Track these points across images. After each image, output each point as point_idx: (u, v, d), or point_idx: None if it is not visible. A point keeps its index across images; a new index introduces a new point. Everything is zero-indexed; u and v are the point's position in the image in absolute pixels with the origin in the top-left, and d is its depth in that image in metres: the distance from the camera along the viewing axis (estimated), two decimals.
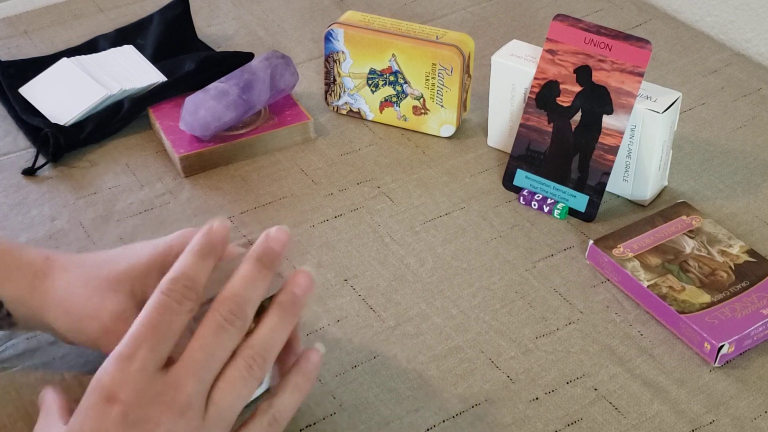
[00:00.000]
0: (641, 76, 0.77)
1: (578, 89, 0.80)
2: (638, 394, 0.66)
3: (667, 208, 0.79)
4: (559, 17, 0.80)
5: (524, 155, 0.83)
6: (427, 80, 0.88)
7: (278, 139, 0.89)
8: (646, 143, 0.79)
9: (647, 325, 0.71)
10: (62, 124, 0.88)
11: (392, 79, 0.89)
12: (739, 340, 0.67)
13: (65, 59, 0.94)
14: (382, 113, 0.92)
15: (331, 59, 0.91)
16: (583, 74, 0.80)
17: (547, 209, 0.81)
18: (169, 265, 0.54)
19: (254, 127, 0.89)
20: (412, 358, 0.69)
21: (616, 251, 0.74)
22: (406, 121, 0.91)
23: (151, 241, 0.64)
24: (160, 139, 0.90)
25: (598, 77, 0.79)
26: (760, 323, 0.68)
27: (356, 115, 0.93)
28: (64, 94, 0.91)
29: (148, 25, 1.03)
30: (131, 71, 0.94)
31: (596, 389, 0.67)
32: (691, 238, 0.75)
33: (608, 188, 0.83)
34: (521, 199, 0.83)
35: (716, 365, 0.68)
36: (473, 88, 0.93)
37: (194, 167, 0.86)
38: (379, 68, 0.89)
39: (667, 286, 0.71)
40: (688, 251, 0.74)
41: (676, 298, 0.70)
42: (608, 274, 0.75)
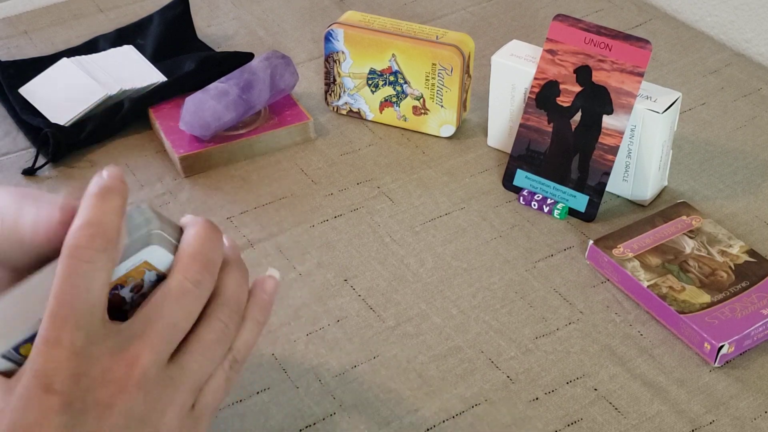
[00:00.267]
0: (641, 76, 0.77)
1: (578, 89, 0.80)
2: (638, 394, 0.66)
3: (667, 208, 0.79)
4: (559, 17, 0.80)
5: (524, 155, 0.83)
6: (427, 80, 0.88)
7: (278, 139, 0.89)
8: (646, 143, 0.79)
9: (647, 325, 0.71)
10: (62, 124, 0.88)
11: (392, 79, 0.89)
12: (739, 340, 0.67)
13: (65, 59, 0.94)
14: (382, 113, 0.92)
15: (331, 59, 0.91)
16: (583, 74, 0.80)
17: (547, 209, 0.81)
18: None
19: (254, 127, 0.89)
20: (412, 358, 0.69)
21: (616, 251, 0.74)
22: (406, 121, 0.91)
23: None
24: (160, 139, 0.90)
25: (598, 77, 0.79)
26: (760, 323, 0.68)
27: (356, 115, 0.93)
28: (64, 94, 0.91)
29: (148, 25, 1.03)
30: (131, 71, 0.94)
31: (596, 389, 0.67)
32: (691, 238, 0.75)
33: (608, 188, 0.83)
34: (521, 199, 0.83)
35: (716, 365, 0.68)
36: (473, 88, 0.93)
37: (194, 167, 0.86)
38: (379, 68, 0.89)
39: (667, 286, 0.71)
40: (688, 251, 0.74)
41: (676, 298, 0.70)
42: (608, 274, 0.75)
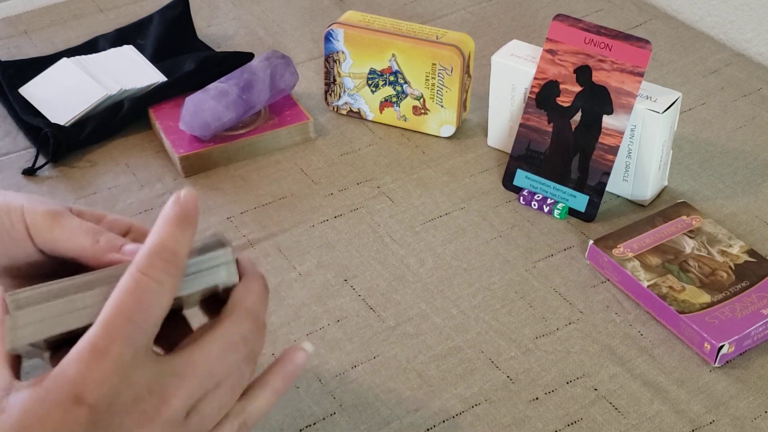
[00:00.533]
0: (641, 76, 0.77)
1: (578, 89, 0.80)
2: (638, 394, 0.66)
3: (667, 208, 0.79)
4: (559, 17, 0.80)
5: (524, 155, 0.83)
6: (427, 80, 0.88)
7: (278, 139, 0.89)
8: (646, 143, 0.79)
9: (647, 325, 0.71)
10: (62, 124, 0.88)
11: (392, 79, 0.89)
12: (739, 340, 0.67)
13: (65, 59, 0.94)
14: (382, 113, 0.92)
15: (331, 59, 0.91)
16: (583, 74, 0.80)
17: (547, 209, 0.81)
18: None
19: (254, 127, 0.89)
20: (412, 358, 0.69)
21: (616, 251, 0.74)
22: (406, 121, 0.91)
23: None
24: (160, 139, 0.90)
25: (598, 77, 0.79)
26: (760, 323, 0.68)
27: (356, 115, 0.93)
28: (64, 94, 0.91)
29: (148, 25, 1.03)
30: (131, 71, 0.94)
31: (596, 389, 0.67)
32: (691, 238, 0.75)
33: (608, 188, 0.83)
34: (521, 199, 0.83)
35: (716, 365, 0.68)
36: (473, 88, 0.93)
37: (194, 167, 0.86)
38: (379, 68, 0.89)
39: (667, 286, 0.71)
40: (688, 251, 0.74)
41: (676, 298, 0.70)
42: (608, 274, 0.75)
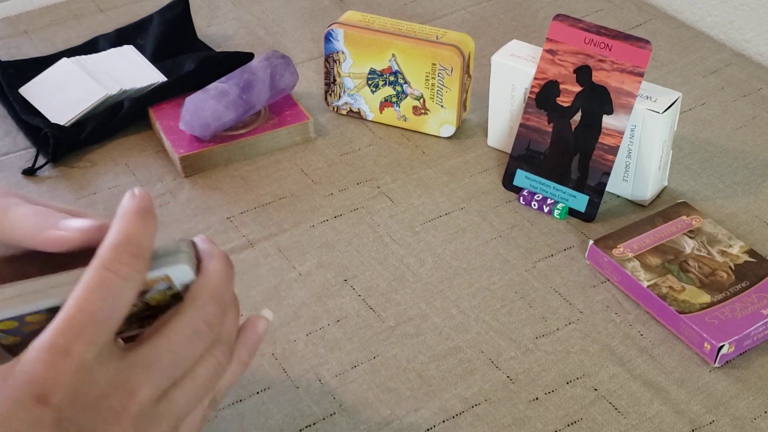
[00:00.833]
0: (641, 76, 0.77)
1: (578, 89, 0.80)
2: (638, 394, 0.66)
3: (667, 208, 0.79)
4: (559, 17, 0.80)
5: (524, 155, 0.83)
6: (427, 80, 0.88)
7: (278, 139, 0.89)
8: (646, 143, 0.79)
9: (647, 325, 0.71)
10: (62, 124, 0.88)
11: (392, 79, 0.89)
12: (739, 340, 0.67)
13: (65, 59, 0.94)
14: (382, 113, 0.92)
15: (331, 59, 0.91)
16: (583, 74, 0.80)
17: (547, 209, 0.81)
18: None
19: (254, 127, 0.89)
20: (412, 358, 0.69)
21: (616, 251, 0.74)
22: (406, 121, 0.91)
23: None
24: (160, 139, 0.90)
25: (598, 77, 0.79)
26: (760, 323, 0.68)
27: (356, 115, 0.93)
28: (64, 94, 0.91)
29: (148, 25, 1.03)
30: (131, 71, 0.94)
31: (596, 389, 0.67)
32: (691, 238, 0.75)
33: (608, 188, 0.83)
34: (521, 199, 0.83)
35: (716, 365, 0.68)
36: (473, 88, 0.93)
37: (194, 167, 0.86)
38: (379, 68, 0.89)
39: (667, 286, 0.71)
40: (688, 251, 0.74)
41: (676, 298, 0.70)
42: (608, 274, 0.75)
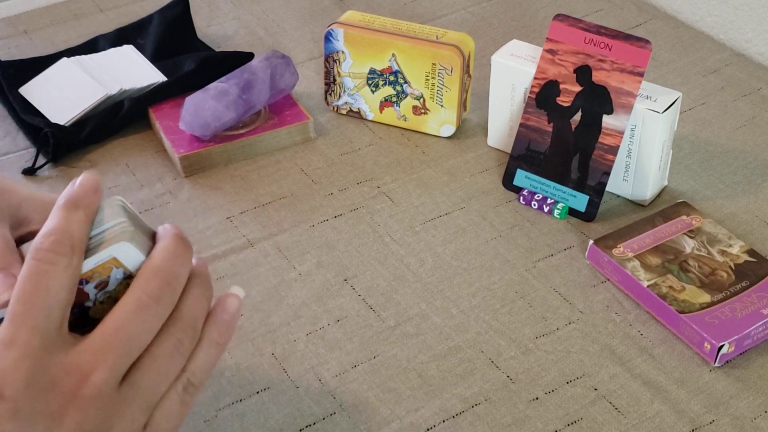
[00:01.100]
0: (641, 76, 0.77)
1: (578, 89, 0.80)
2: (638, 394, 0.66)
3: (667, 208, 0.79)
4: (559, 17, 0.80)
5: (524, 155, 0.83)
6: (427, 80, 0.88)
7: (278, 139, 0.89)
8: (646, 143, 0.79)
9: (647, 325, 0.71)
10: (62, 124, 0.88)
11: (392, 79, 0.89)
12: (739, 340, 0.67)
13: (65, 59, 0.94)
14: (382, 113, 0.92)
15: (331, 59, 0.91)
16: (583, 74, 0.80)
17: (547, 209, 0.81)
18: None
19: (254, 127, 0.89)
20: (412, 358, 0.69)
21: (616, 251, 0.74)
22: (406, 121, 0.91)
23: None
24: (160, 139, 0.90)
25: (598, 77, 0.79)
26: (760, 323, 0.68)
27: (356, 115, 0.93)
28: (64, 94, 0.91)
29: (148, 25, 1.03)
30: (131, 71, 0.94)
31: (596, 389, 0.67)
32: (691, 238, 0.75)
33: (608, 188, 0.83)
34: (521, 199, 0.83)
35: (716, 365, 0.68)
36: (473, 88, 0.93)
37: (194, 167, 0.86)
38: (379, 68, 0.89)
39: (667, 286, 0.71)
40: (688, 251, 0.74)
41: (676, 297, 0.70)
42: (608, 274, 0.75)
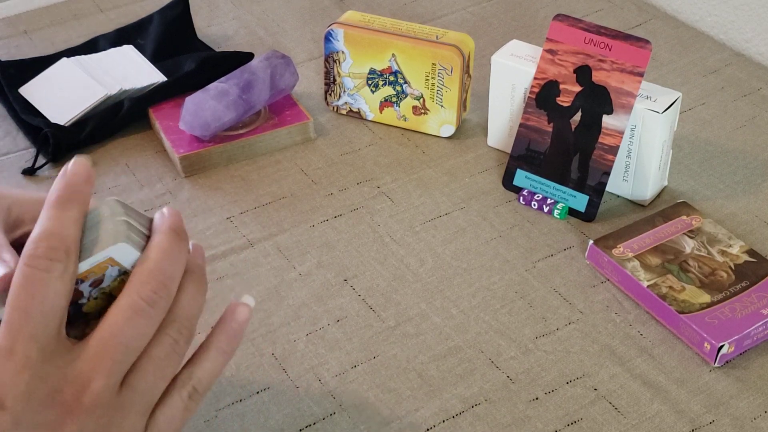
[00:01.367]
0: (641, 76, 0.77)
1: (578, 89, 0.80)
2: (638, 394, 0.66)
3: (667, 208, 0.79)
4: (559, 17, 0.80)
5: (524, 155, 0.83)
6: (427, 80, 0.88)
7: (278, 139, 0.89)
8: (646, 143, 0.79)
9: (647, 325, 0.71)
10: (62, 124, 0.88)
11: (392, 79, 0.89)
12: (739, 340, 0.67)
13: (65, 59, 0.94)
14: (382, 113, 0.92)
15: (331, 59, 0.91)
16: (583, 74, 0.80)
17: (547, 209, 0.81)
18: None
19: (254, 127, 0.89)
20: (412, 358, 0.69)
21: (616, 251, 0.74)
22: (406, 121, 0.91)
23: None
24: (160, 139, 0.90)
25: (598, 77, 0.79)
26: (760, 323, 0.68)
27: (356, 115, 0.93)
28: (64, 94, 0.91)
29: (148, 25, 1.03)
30: (131, 71, 0.94)
31: (596, 389, 0.67)
32: (691, 238, 0.75)
33: (608, 188, 0.83)
34: (521, 199, 0.83)
35: (716, 365, 0.68)
36: (473, 88, 0.93)
37: (194, 167, 0.86)
38: (379, 68, 0.89)
39: (667, 286, 0.71)
40: (688, 251, 0.74)
41: (676, 298, 0.70)
42: (608, 274, 0.75)
